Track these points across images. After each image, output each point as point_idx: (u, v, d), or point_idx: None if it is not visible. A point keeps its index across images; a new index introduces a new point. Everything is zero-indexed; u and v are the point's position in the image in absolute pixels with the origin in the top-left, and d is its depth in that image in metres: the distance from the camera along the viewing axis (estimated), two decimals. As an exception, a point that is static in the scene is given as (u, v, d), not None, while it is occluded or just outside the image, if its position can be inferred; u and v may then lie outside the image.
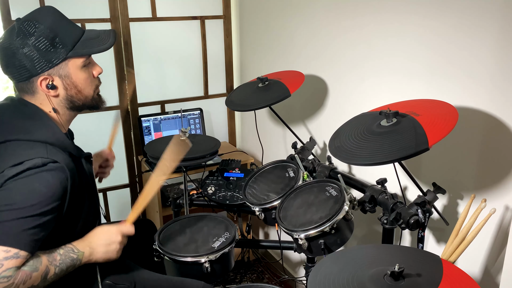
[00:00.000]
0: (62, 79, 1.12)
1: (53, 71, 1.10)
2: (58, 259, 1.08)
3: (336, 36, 1.70)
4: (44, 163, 1.03)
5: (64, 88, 1.13)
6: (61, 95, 1.14)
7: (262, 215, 1.45)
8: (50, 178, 1.03)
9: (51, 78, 1.11)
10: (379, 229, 1.51)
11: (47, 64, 1.08)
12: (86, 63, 1.15)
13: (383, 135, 1.10)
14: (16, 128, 1.08)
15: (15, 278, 0.98)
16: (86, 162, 1.22)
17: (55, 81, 1.12)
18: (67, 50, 1.10)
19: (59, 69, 1.11)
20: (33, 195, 1.01)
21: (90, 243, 1.16)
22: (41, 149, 1.05)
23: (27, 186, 1.01)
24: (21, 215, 1.00)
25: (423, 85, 1.36)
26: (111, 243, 1.18)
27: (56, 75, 1.11)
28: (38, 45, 1.07)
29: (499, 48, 1.12)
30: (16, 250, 0.99)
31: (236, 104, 1.74)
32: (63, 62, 1.10)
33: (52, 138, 1.09)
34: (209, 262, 1.38)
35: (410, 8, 1.36)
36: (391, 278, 0.86)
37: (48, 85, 1.11)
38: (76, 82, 1.14)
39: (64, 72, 1.12)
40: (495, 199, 1.20)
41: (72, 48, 1.11)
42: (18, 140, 1.06)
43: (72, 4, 2.08)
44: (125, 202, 2.46)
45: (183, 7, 2.37)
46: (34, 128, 1.09)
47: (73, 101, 1.16)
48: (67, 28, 1.12)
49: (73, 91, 1.15)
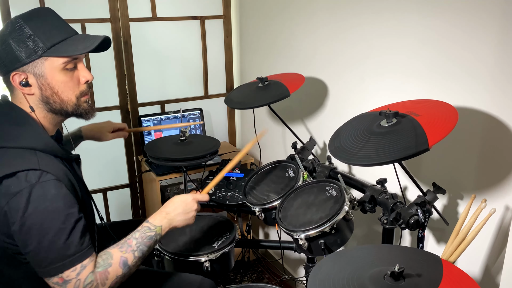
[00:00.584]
0: (37, 78, 1.09)
1: (27, 68, 1.08)
2: (134, 244, 1.13)
3: (336, 36, 1.70)
4: (37, 176, 1.02)
5: (38, 88, 1.11)
6: (36, 95, 1.12)
7: (262, 215, 1.45)
8: (52, 190, 1.03)
9: (25, 75, 1.09)
10: (379, 229, 1.51)
11: (20, 60, 1.07)
12: (67, 66, 1.11)
13: (383, 135, 1.10)
14: (3, 135, 1.06)
15: (95, 281, 1.06)
16: (76, 165, 1.22)
17: (29, 79, 1.09)
18: (44, 48, 1.07)
19: (34, 67, 1.08)
20: (51, 218, 1.02)
21: (168, 214, 1.21)
22: (31, 158, 1.04)
23: (40, 212, 1.01)
24: (57, 239, 1.02)
25: (423, 85, 1.36)
26: (189, 211, 1.24)
27: (31, 73, 1.09)
28: (16, 40, 1.06)
29: (499, 48, 1.12)
30: (79, 264, 1.04)
31: (235, 102, 1.74)
32: (38, 60, 1.08)
33: (41, 144, 1.07)
34: (209, 261, 1.38)
35: (409, 8, 1.36)
36: (391, 278, 0.86)
37: (21, 82, 1.09)
38: (52, 83, 1.11)
39: (39, 71, 1.09)
40: (495, 199, 1.20)
41: (50, 47, 1.08)
42: (5, 147, 1.05)
43: (72, 4, 2.08)
44: (125, 202, 2.46)
45: (183, 7, 2.37)
46: (21, 134, 1.07)
47: (49, 103, 1.13)
48: (52, 29, 1.10)
49: (48, 92, 1.11)
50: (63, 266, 1.03)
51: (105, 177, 2.35)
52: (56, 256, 1.02)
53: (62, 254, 1.03)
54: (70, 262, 1.03)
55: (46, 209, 1.02)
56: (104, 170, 2.34)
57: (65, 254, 1.03)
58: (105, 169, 2.33)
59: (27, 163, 1.03)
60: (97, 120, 2.19)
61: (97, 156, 2.28)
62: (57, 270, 1.03)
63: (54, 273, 1.03)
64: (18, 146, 1.05)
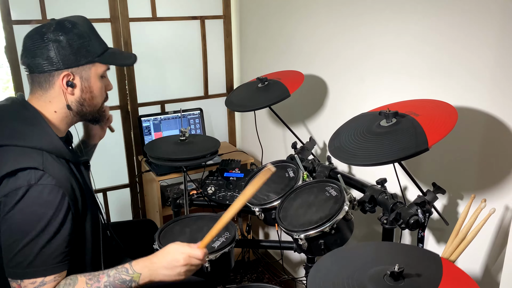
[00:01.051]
0: (82, 80, 1.14)
1: (77, 70, 1.12)
2: (103, 281, 1.07)
3: (336, 36, 1.70)
4: (38, 177, 1.02)
5: (80, 90, 1.15)
6: (76, 96, 1.15)
7: (262, 215, 1.45)
8: (46, 195, 1.02)
9: (72, 76, 1.12)
10: (379, 229, 1.51)
11: (74, 62, 1.11)
12: (105, 74, 1.20)
13: (383, 135, 1.10)
14: (13, 133, 1.07)
15: None
16: (84, 169, 1.22)
17: (75, 80, 1.13)
18: (95, 54, 1.14)
19: (82, 70, 1.13)
20: (34, 221, 1.01)
21: (152, 263, 1.11)
22: (37, 158, 1.04)
23: (26, 214, 1.01)
24: (32, 245, 1.01)
25: (422, 85, 1.36)
26: (175, 267, 1.10)
27: (78, 75, 1.13)
28: (72, 42, 1.10)
29: (499, 47, 1.12)
30: (41, 279, 1.02)
31: (236, 104, 1.74)
32: (88, 65, 1.14)
33: (50, 146, 1.08)
34: (209, 262, 1.38)
35: (409, 8, 1.35)
36: (391, 278, 0.86)
37: (68, 82, 1.12)
38: (92, 87, 1.17)
39: (85, 75, 1.14)
40: (495, 199, 1.20)
41: (100, 54, 1.15)
42: (14, 145, 1.05)
43: (72, 4, 2.08)
44: (125, 202, 2.46)
45: (183, 7, 2.37)
46: (31, 134, 1.08)
47: (84, 105, 1.17)
48: (98, 37, 1.18)
49: (87, 96, 1.16)
50: (25, 274, 1.01)
51: (105, 177, 2.35)
52: (23, 261, 1.01)
53: (30, 261, 1.01)
54: (32, 273, 1.01)
55: (34, 212, 1.01)
56: (104, 170, 2.33)
57: (32, 262, 1.01)
58: (105, 169, 2.33)
59: (31, 162, 1.03)
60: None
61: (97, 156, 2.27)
62: (19, 275, 1.01)
63: (15, 277, 1.02)
64: (26, 145, 1.06)
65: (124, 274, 1.09)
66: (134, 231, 1.68)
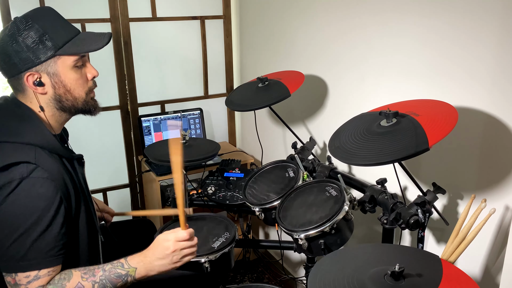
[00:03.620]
0: (51, 77, 1.10)
1: (40, 67, 1.09)
2: (98, 275, 1.06)
3: (336, 36, 1.70)
4: (30, 170, 1.02)
5: (52, 86, 1.12)
6: (49, 93, 1.12)
7: (262, 215, 1.45)
8: (39, 188, 1.02)
9: (38, 75, 1.09)
10: (379, 229, 1.51)
11: (34, 60, 1.07)
12: (77, 63, 1.13)
13: (383, 135, 1.10)
14: (5, 130, 1.07)
15: None
16: (78, 165, 1.21)
17: (43, 78, 1.10)
18: (56, 47, 1.09)
19: (47, 66, 1.09)
20: (26, 214, 1.01)
21: (145, 257, 1.11)
22: (29, 153, 1.04)
23: (17, 207, 1.01)
24: (24, 237, 1.00)
25: (423, 85, 1.36)
26: (167, 255, 1.10)
27: (44, 72, 1.09)
28: (27, 41, 1.06)
29: (499, 48, 1.12)
30: (35, 272, 1.01)
31: (236, 104, 1.74)
32: (52, 59, 1.09)
33: (42, 141, 1.08)
34: (209, 262, 1.38)
35: (409, 8, 1.36)
36: (391, 278, 0.86)
37: (35, 82, 1.09)
38: (65, 81, 1.12)
39: (52, 70, 1.10)
40: (495, 199, 1.20)
41: (62, 46, 1.09)
42: (6, 142, 1.05)
43: (72, 4, 2.08)
44: (125, 202, 2.46)
45: (183, 7, 2.37)
46: (24, 130, 1.07)
47: (62, 101, 1.14)
48: (59, 28, 1.11)
49: (61, 90, 1.13)
50: (19, 267, 1.01)
51: (105, 177, 2.35)
52: (16, 254, 1.01)
53: (23, 254, 1.01)
54: (26, 266, 1.01)
55: (25, 204, 1.01)
56: (104, 170, 2.34)
57: (25, 256, 1.01)
58: (105, 169, 2.33)
59: (24, 156, 1.03)
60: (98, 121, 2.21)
61: (97, 156, 2.28)
62: (12, 268, 1.01)
63: (9, 270, 1.02)
64: (19, 141, 1.06)
65: (120, 268, 1.09)
66: (132, 231, 1.68)
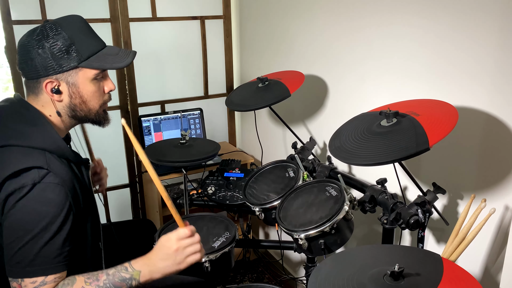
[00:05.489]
0: (69, 86, 1.12)
1: (61, 76, 1.10)
2: (102, 279, 1.06)
3: (336, 36, 1.70)
4: (42, 176, 1.02)
5: (69, 96, 1.13)
6: (65, 102, 1.14)
7: (262, 215, 1.45)
8: (50, 194, 1.02)
9: (57, 83, 1.10)
10: (379, 229, 1.51)
11: (56, 68, 1.08)
12: (97, 76, 1.15)
13: (383, 135, 1.10)
14: (16, 133, 1.07)
15: None
16: (84, 169, 1.22)
17: (61, 87, 1.11)
18: (80, 59, 1.10)
19: (68, 76, 1.11)
20: (36, 219, 1.01)
21: (149, 259, 1.09)
22: (40, 157, 1.04)
23: (28, 212, 1.01)
24: (33, 243, 1.01)
25: (423, 85, 1.36)
26: (170, 255, 1.07)
27: (64, 81, 1.11)
28: (53, 48, 1.07)
29: (499, 48, 1.12)
30: (42, 278, 1.01)
31: (236, 104, 1.74)
32: (74, 70, 1.10)
33: (52, 146, 1.08)
34: (209, 261, 1.38)
35: (409, 9, 1.36)
36: (391, 278, 0.86)
37: (53, 89, 1.10)
38: (82, 92, 1.14)
39: (72, 80, 1.11)
40: (495, 199, 1.20)
41: (86, 59, 1.11)
42: (17, 146, 1.05)
43: (72, 4, 2.08)
44: (125, 202, 2.46)
45: (183, 7, 2.37)
46: (33, 134, 1.08)
47: (76, 110, 1.16)
48: (87, 39, 1.13)
49: (77, 101, 1.14)
50: (26, 273, 1.01)
51: (105, 177, 2.35)
52: (24, 260, 1.01)
53: (31, 260, 1.01)
54: (33, 272, 1.01)
55: (35, 209, 1.01)
56: (104, 170, 2.33)
57: (33, 261, 1.01)
58: (105, 169, 2.33)
59: (35, 161, 1.03)
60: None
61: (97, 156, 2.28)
62: (19, 274, 1.01)
63: (16, 276, 1.02)
64: (29, 145, 1.06)
65: (124, 272, 1.08)
66: (133, 231, 1.68)
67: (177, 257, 1.08)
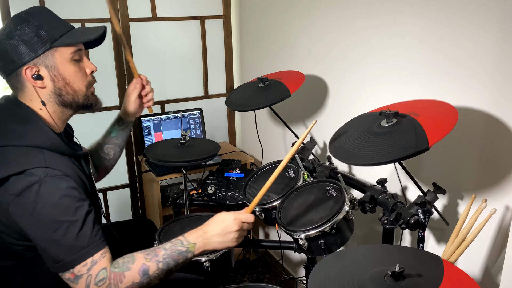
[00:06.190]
0: (49, 69, 1.11)
1: (38, 60, 1.09)
2: (161, 254, 1.09)
3: (337, 37, 1.70)
4: (45, 173, 1.02)
5: (51, 80, 1.12)
6: (49, 87, 1.12)
7: (262, 215, 1.45)
8: (60, 184, 1.03)
9: (36, 68, 1.09)
10: (379, 229, 1.51)
11: (31, 53, 1.07)
12: (74, 56, 1.14)
13: (383, 135, 1.10)
14: (10, 133, 1.07)
15: (109, 279, 1.03)
16: (84, 162, 1.21)
17: (41, 71, 1.10)
18: (52, 39, 1.09)
19: (45, 59, 1.09)
20: (59, 212, 1.02)
21: (205, 232, 1.14)
22: (38, 156, 1.04)
23: (50, 207, 1.01)
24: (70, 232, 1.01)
25: (422, 85, 1.36)
26: (228, 233, 1.13)
27: (42, 65, 1.10)
28: (23, 36, 1.06)
29: (498, 48, 1.12)
30: (90, 259, 1.03)
31: (236, 104, 1.74)
32: (49, 51, 1.09)
33: (47, 143, 1.08)
34: (209, 261, 1.38)
35: (409, 10, 1.36)
36: (391, 279, 0.86)
37: (33, 75, 1.09)
38: (63, 73, 1.12)
39: (50, 63, 1.10)
40: (495, 199, 1.20)
41: (58, 38, 1.09)
42: (13, 145, 1.05)
43: (72, 4, 2.08)
44: (125, 202, 2.46)
45: (183, 7, 2.37)
46: (28, 132, 1.07)
47: (62, 94, 1.14)
48: (54, 22, 1.12)
49: (61, 83, 1.13)
50: (74, 261, 1.02)
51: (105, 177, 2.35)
52: (68, 250, 1.02)
53: (75, 247, 1.02)
54: (80, 256, 1.02)
55: (57, 203, 1.02)
56: (104, 170, 2.33)
57: (77, 247, 1.02)
58: (105, 169, 2.33)
59: (34, 161, 1.03)
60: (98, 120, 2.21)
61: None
62: (68, 265, 1.02)
63: (66, 268, 1.02)
64: (25, 145, 1.05)
65: (180, 245, 1.11)
66: (133, 231, 1.68)
67: (234, 237, 1.14)
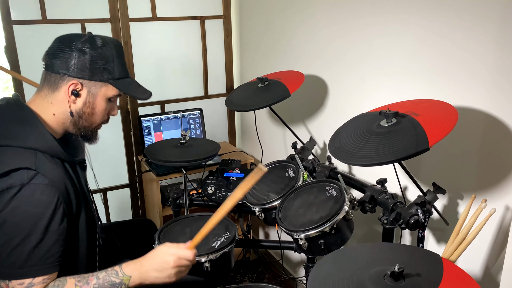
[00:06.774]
0: (88, 94, 1.15)
1: (88, 83, 1.13)
2: (92, 283, 1.06)
3: (336, 36, 1.70)
4: (30, 177, 1.02)
5: (83, 102, 1.15)
6: (77, 106, 1.15)
7: (262, 215, 1.45)
8: (39, 195, 1.02)
9: (80, 87, 1.13)
10: (379, 229, 1.51)
11: (87, 76, 1.12)
12: (114, 98, 1.20)
13: (383, 135, 1.10)
14: (7, 133, 1.07)
15: None
16: (80, 169, 1.21)
17: (82, 91, 1.14)
18: (112, 77, 1.15)
19: (92, 86, 1.14)
20: (25, 221, 1.01)
21: (142, 266, 1.10)
22: (30, 158, 1.04)
23: (18, 214, 1.00)
24: (23, 245, 1.00)
25: (423, 85, 1.36)
26: (165, 269, 1.09)
27: (86, 88, 1.14)
28: (94, 58, 1.11)
29: (498, 48, 1.12)
30: (29, 280, 1.01)
31: (236, 104, 1.74)
32: (100, 83, 1.14)
33: (44, 146, 1.08)
34: (209, 261, 1.38)
35: (409, 9, 1.36)
36: (391, 278, 0.86)
37: (73, 91, 1.12)
38: (96, 105, 1.17)
39: (94, 91, 1.15)
40: (495, 199, 1.20)
41: (116, 79, 1.16)
42: (8, 146, 1.05)
43: (72, 4, 2.07)
44: (125, 202, 2.46)
45: (183, 7, 2.37)
46: (25, 134, 1.07)
47: (81, 118, 1.17)
48: (121, 64, 1.19)
49: (87, 110, 1.17)
50: (12, 275, 1.01)
51: (105, 177, 2.35)
52: (14, 262, 1.01)
53: (21, 262, 1.01)
54: (23, 273, 1.01)
55: (25, 211, 1.01)
56: (104, 170, 2.33)
57: (23, 263, 1.01)
58: (105, 169, 2.33)
59: (24, 162, 1.03)
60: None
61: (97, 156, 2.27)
62: (8, 275, 1.01)
63: (4, 277, 1.01)
64: (20, 146, 1.05)
65: (114, 276, 1.08)
66: (133, 231, 1.68)
67: (171, 273, 1.10)
